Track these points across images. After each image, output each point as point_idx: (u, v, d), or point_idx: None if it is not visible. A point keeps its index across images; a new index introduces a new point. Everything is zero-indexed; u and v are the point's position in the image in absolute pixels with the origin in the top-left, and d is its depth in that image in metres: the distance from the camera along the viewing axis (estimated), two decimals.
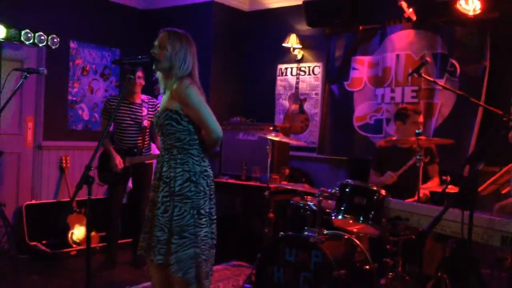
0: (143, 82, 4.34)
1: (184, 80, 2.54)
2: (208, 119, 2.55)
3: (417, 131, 3.34)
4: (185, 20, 5.64)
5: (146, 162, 4.44)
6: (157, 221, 2.53)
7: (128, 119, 4.32)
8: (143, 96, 4.41)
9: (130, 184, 5.44)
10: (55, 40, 5.07)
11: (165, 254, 2.50)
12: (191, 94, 2.52)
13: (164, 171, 2.56)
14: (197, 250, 2.51)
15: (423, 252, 3.47)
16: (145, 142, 4.43)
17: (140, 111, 4.33)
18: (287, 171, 4.91)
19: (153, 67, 2.61)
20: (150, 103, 4.41)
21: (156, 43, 2.62)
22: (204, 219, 2.56)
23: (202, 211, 2.55)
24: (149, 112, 4.35)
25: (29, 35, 4.86)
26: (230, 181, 5.01)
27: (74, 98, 5.45)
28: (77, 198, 4.55)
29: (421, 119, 3.86)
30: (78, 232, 4.81)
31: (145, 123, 4.34)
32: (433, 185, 3.79)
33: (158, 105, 4.33)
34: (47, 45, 5.02)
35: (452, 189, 3.21)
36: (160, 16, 5.88)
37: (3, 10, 4.78)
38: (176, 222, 2.49)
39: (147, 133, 4.44)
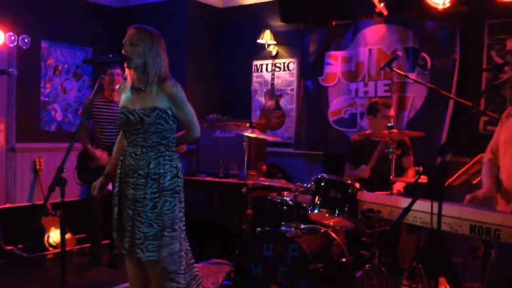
0: (121, 79, 4.25)
1: (175, 82, 2.60)
2: (193, 120, 2.68)
3: (388, 124, 3.39)
4: (158, 17, 5.61)
5: None
6: (144, 218, 2.53)
7: (107, 117, 4.26)
8: None
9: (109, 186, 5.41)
10: (26, 40, 4.98)
11: (156, 250, 2.52)
12: (183, 96, 2.62)
13: (152, 168, 2.56)
14: (181, 246, 2.62)
15: (398, 244, 3.54)
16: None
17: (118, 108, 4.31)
18: (264, 167, 4.93)
19: (127, 66, 2.60)
20: None
21: (126, 41, 2.60)
22: (183, 213, 2.67)
23: (183, 205, 2.67)
24: None
25: None
26: (208, 178, 5.00)
27: (47, 99, 5.37)
28: (52, 201, 4.58)
29: (391, 112, 3.91)
30: (54, 235, 4.74)
31: None
32: (408, 178, 3.85)
33: None
34: (17, 45, 4.93)
35: (424, 179, 3.28)
36: (133, 14, 5.83)
37: None
38: (168, 216, 2.55)
39: None
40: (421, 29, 4.52)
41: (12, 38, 4.87)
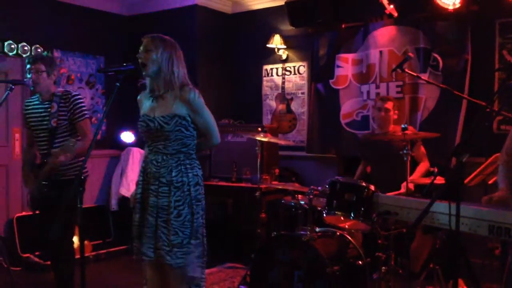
0: (43, 74, 3.38)
1: (194, 88, 2.63)
2: (213, 127, 2.71)
3: (402, 125, 3.38)
4: (169, 25, 5.65)
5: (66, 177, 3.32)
6: (170, 226, 2.56)
7: (36, 120, 3.42)
8: (59, 89, 3.45)
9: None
10: (39, 50, 5.04)
11: (183, 257, 2.57)
12: (201, 102, 2.65)
13: (174, 176, 2.59)
14: (203, 250, 2.68)
15: (411, 245, 3.53)
16: (57, 146, 3.29)
17: (48, 109, 3.37)
18: (277, 171, 4.94)
19: (143, 73, 2.64)
20: (63, 97, 3.39)
21: (141, 48, 2.65)
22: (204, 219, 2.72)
23: (204, 211, 2.71)
24: (60, 109, 3.35)
25: (12, 46, 4.83)
26: (221, 183, 5.02)
27: None
28: None
29: (387, 105, 3.97)
30: None
31: (53, 122, 3.33)
32: (421, 171, 3.88)
33: (76, 98, 3.37)
34: (31, 55, 4.99)
35: (440, 180, 3.27)
36: (144, 22, 5.88)
37: None
38: (194, 224, 2.60)
39: (58, 136, 3.35)
40: (431, 29, 4.51)
41: (26, 48, 4.94)
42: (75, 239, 4.79)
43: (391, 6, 4.53)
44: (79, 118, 3.35)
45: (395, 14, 4.58)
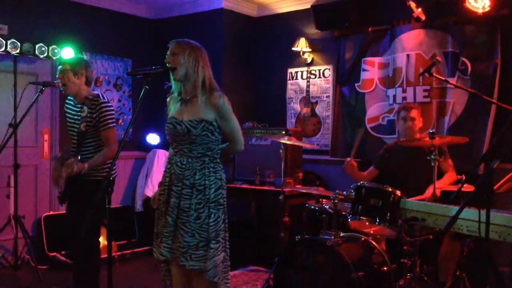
0: (70, 75, 3.41)
1: (222, 94, 2.67)
2: (238, 133, 2.74)
3: (430, 130, 3.33)
4: (195, 28, 5.71)
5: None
6: (188, 228, 2.58)
7: (70, 121, 3.52)
8: (92, 93, 3.49)
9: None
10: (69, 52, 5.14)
11: (200, 260, 2.57)
12: (229, 108, 2.68)
13: (197, 179, 2.61)
14: (225, 255, 2.68)
15: (440, 252, 3.47)
16: (83, 151, 3.40)
17: (80, 112, 3.44)
18: (300, 174, 4.92)
19: (172, 77, 2.67)
20: (93, 102, 3.41)
21: (168, 53, 2.68)
22: (226, 223, 2.72)
23: (226, 216, 2.71)
24: (89, 114, 3.38)
25: (43, 48, 4.94)
26: (244, 186, 5.03)
27: None
28: None
29: (412, 114, 3.91)
30: None
31: (82, 126, 3.39)
32: (449, 180, 3.81)
33: (102, 106, 3.38)
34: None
35: (467, 187, 3.21)
36: (170, 25, 5.95)
37: (17, 25, 4.87)
38: (212, 228, 2.59)
39: (87, 139, 3.41)
40: (460, 33, 4.44)
41: (56, 51, 5.04)
42: (101, 239, 4.88)
43: (419, 10, 4.47)
44: (103, 126, 3.37)
45: (423, 18, 4.52)
